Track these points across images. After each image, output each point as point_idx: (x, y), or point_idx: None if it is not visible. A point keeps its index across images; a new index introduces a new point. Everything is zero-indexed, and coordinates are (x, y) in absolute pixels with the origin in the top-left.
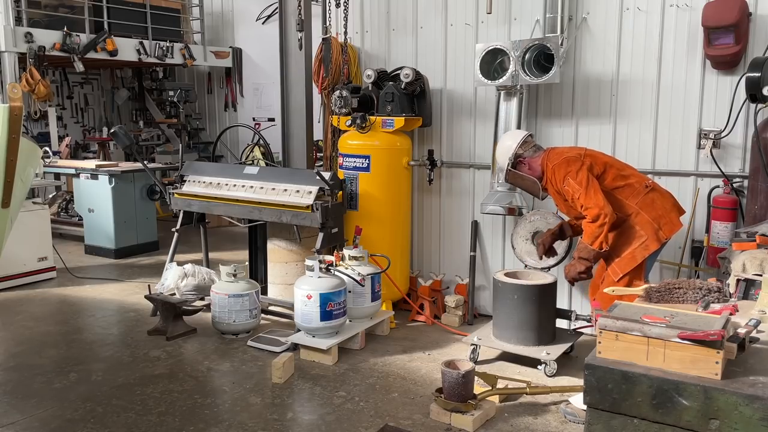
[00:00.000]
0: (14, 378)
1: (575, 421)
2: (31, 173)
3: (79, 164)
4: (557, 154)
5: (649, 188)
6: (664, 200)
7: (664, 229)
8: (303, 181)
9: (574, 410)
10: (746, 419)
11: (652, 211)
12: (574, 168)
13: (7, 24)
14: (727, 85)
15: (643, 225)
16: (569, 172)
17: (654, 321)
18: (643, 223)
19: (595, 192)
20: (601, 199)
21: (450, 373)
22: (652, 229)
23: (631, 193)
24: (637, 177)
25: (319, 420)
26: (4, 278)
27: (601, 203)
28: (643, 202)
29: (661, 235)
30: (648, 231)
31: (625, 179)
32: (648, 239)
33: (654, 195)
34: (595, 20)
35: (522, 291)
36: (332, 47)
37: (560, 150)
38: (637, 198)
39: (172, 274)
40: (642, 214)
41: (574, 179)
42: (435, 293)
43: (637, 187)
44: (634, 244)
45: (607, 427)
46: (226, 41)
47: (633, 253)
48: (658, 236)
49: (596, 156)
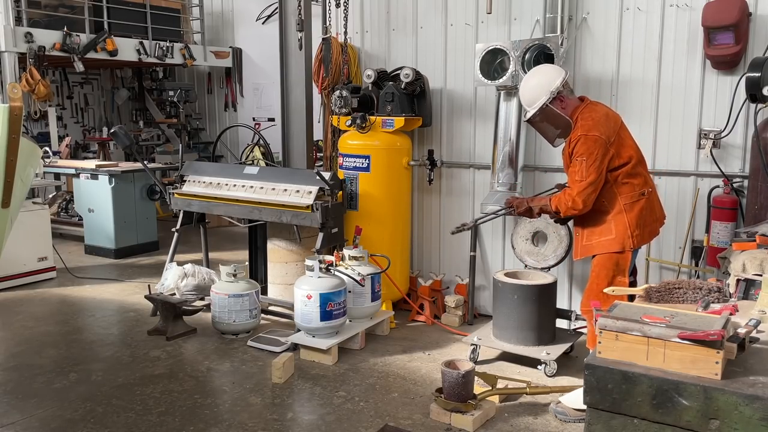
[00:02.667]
0: (14, 378)
1: (566, 419)
2: (31, 173)
3: (79, 164)
4: (592, 118)
5: (644, 196)
6: (650, 212)
7: (636, 239)
8: (303, 181)
9: (564, 409)
10: (746, 419)
11: (634, 218)
12: (596, 154)
13: (7, 24)
14: (727, 85)
15: (617, 225)
16: (590, 153)
17: (654, 321)
18: (618, 223)
19: (593, 191)
20: (590, 200)
21: (450, 373)
22: (622, 234)
23: (627, 192)
24: (642, 179)
25: (319, 420)
26: (4, 278)
27: (588, 203)
28: (631, 207)
29: (627, 243)
30: (618, 233)
31: (631, 178)
32: (613, 240)
33: (644, 204)
34: (595, 20)
35: (522, 291)
36: (332, 47)
37: (596, 114)
38: (628, 200)
39: (172, 274)
40: (623, 215)
41: (586, 165)
42: (435, 293)
43: (636, 190)
44: (600, 237)
45: (607, 427)
46: (226, 41)
47: (593, 245)
48: (624, 243)
49: (624, 144)
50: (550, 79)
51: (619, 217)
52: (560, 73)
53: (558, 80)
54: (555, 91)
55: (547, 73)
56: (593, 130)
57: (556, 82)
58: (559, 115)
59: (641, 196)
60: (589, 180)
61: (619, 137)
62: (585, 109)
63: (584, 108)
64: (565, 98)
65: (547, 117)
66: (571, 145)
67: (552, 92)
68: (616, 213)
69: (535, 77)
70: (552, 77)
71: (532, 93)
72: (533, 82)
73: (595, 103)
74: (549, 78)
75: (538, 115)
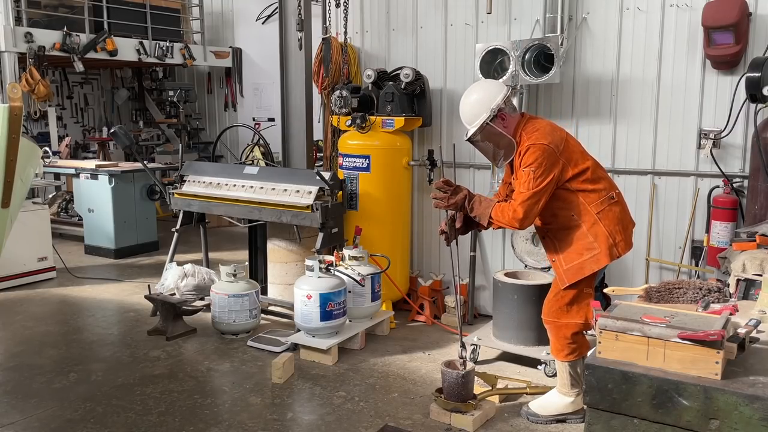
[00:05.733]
0: (14, 378)
1: (537, 421)
2: (31, 173)
3: (79, 164)
4: (537, 130)
5: (613, 200)
6: (624, 215)
7: (620, 246)
8: (303, 181)
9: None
10: (746, 419)
11: (611, 225)
12: (545, 164)
13: (7, 24)
14: (727, 85)
15: (598, 236)
16: (539, 164)
17: (654, 321)
18: (598, 234)
19: (536, 202)
20: (533, 214)
21: (450, 374)
22: (607, 244)
23: (595, 199)
24: (606, 183)
25: (319, 420)
26: (4, 278)
27: (530, 218)
28: (605, 214)
29: (614, 252)
30: (602, 245)
31: (594, 183)
32: (600, 253)
33: (617, 209)
34: (595, 20)
35: (522, 291)
36: (332, 47)
37: (540, 125)
38: (599, 207)
39: (172, 274)
40: (600, 225)
41: (534, 175)
42: (435, 293)
43: (603, 196)
44: (585, 254)
45: (607, 427)
46: (226, 41)
47: (582, 264)
48: (612, 253)
49: (574, 150)
50: (490, 96)
51: (596, 228)
52: (501, 90)
53: (499, 97)
54: (495, 109)
55: (487, 89)
56: (542, 140)
57: (497, 99)
58: (500, 134)
59: (611, 200)
60: (534, 190)
61: (568, 145)
62: (527, 124)
63: (526, 123)
64: (507, 116)
65: (488, 136)
66: (520, 157)
67: (492, 110)
68: (592, 225)
69: (475, 93)
70: (493, 94)
71: (472, 110)
72: (473, 98)
73: (537, 117)
74: (489, 94)
75: (478, 134)
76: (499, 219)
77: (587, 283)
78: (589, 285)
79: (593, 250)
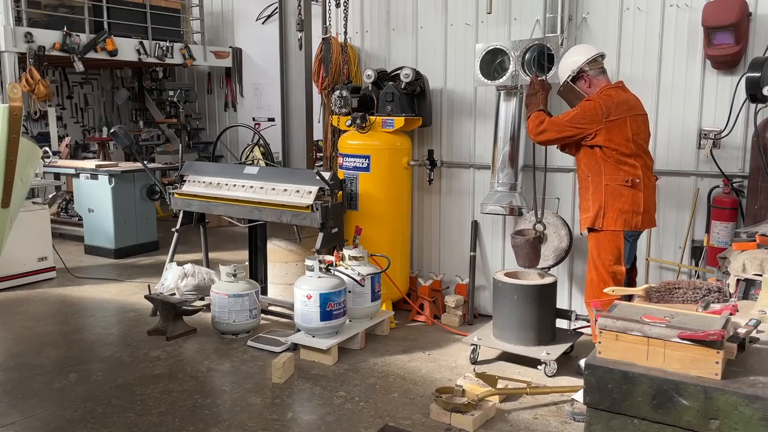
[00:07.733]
0: (14, 378)
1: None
2: (31, 173)
3: (79, 164)
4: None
5: (628, 183)
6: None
7: (606, 220)
8: (303, 181)
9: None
10: (746, 419)
11: (609, 200)
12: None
13: (7, 24)
14: (727, 85)
15: (594, 202)
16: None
17: (654, 321)
18: (595, 200)
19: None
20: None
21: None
22: (596, 212)
23: (612, 172)
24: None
25: (319, 420)
26: (4, 278)
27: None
28: (611, 189)
29: (598, 222)
30: (594, 209)
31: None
32: (589, 217)
33: (626, 191)
34: (595, 20)
35: (522, 291)
36: (332, 47)
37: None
38: (611, 181)
39: (172, 274)
40: (600, 194)
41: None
42: (435, 293)
43: (622, 176)
44: (582, 214)
45: (607, 427)
46: (226, 41)
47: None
48: (595, 222)
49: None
50: (575, 58)
51: (596, 195)
52: (587, 53)
53: (581, 60)
54: (576, 70)
55: (575, 52)
56: (599, 99)
57: (579, 62)
58: (577, 92)
59: (625, 183)
60: (564, 122)
61: (621, 124)
62: (609, 89)
63: (609, 89)
64: (590, 78)
65: (568, 92)
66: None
67: (573, 71)
68: (595, 190)
69: (566, 55)
70: (578, 56)
71: (561, 69)
72: (564, 59)
73: (625, 90)
74: (575, 57)
75: (560, 88)
76: (531, 120)
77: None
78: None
79: (587, 212)
